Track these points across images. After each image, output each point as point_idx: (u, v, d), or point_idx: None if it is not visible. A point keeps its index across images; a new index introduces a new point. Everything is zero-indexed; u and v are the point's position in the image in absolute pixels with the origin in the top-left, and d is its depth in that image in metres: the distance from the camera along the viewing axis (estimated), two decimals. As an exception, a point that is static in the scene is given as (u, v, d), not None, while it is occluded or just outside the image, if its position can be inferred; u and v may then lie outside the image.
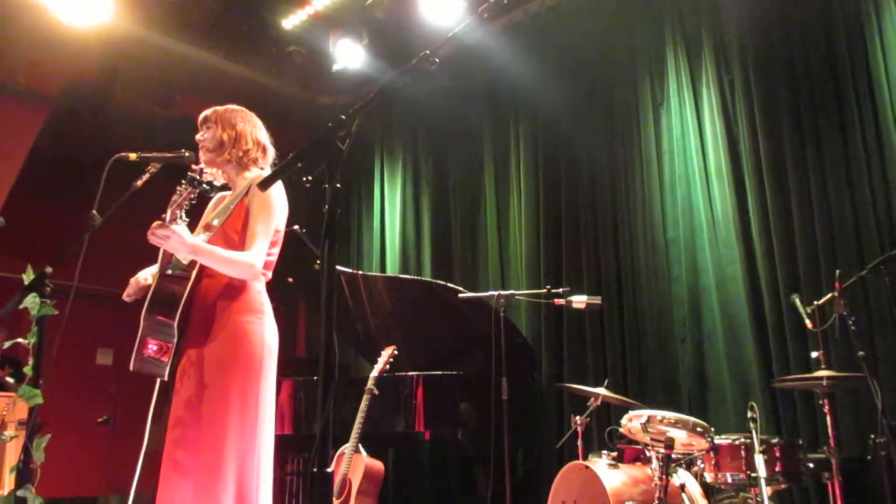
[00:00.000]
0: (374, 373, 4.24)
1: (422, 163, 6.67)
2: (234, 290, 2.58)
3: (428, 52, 1.82)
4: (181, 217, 2.34)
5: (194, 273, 2.54)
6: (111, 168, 2.84)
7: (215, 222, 2.50)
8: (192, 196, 2.34)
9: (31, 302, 2.68)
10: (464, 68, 5.58)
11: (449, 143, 6.50)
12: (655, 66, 5.12)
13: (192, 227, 2.63)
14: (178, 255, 2.47)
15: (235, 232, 2.61)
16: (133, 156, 2.92)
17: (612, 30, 5.39)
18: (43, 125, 6.30)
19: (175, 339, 2.50)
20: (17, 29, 5.54)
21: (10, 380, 4.84)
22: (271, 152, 2.89)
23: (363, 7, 5.62)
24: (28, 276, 2.76)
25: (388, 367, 4.28)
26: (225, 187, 2.91)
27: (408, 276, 6.04)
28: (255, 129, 2.85)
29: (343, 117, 1.73)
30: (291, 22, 5.86)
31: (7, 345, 2.84)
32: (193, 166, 2.20)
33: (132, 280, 2.71)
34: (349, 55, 5.89)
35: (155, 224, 2.34)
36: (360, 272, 5.32)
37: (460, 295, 4.46)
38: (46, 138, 6.34)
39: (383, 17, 5.69)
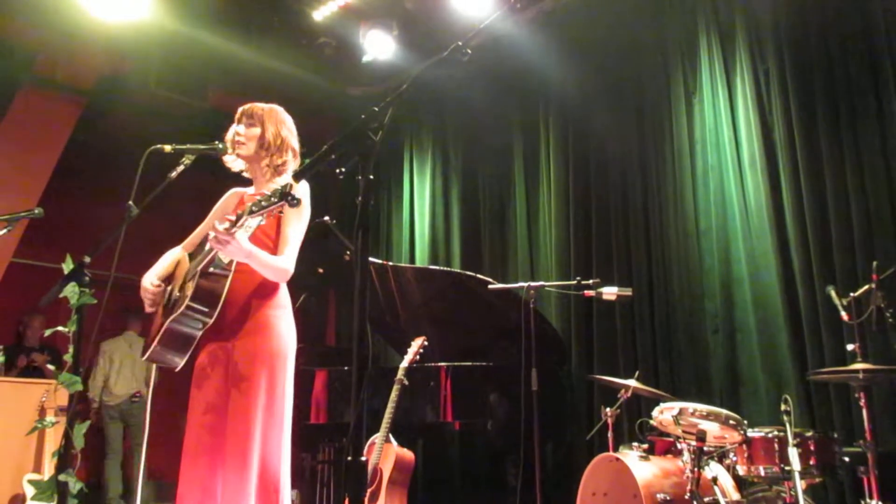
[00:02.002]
0: (405, 363, 4.26)
1: (451, 154, 6.67)
2: (267, 287, 2.69)
3: (460, 43, 1.82)
4: (247, 225, 2.36)
5: (232, 270, 2.62)
6: (146, 160, 2.89)
7: (251, 221, 2.52)
8: (280, 210, 2.35)
9: (71, 291, 2.75)
10: (493, 59, 5.56)
11: (478, 135, 6.48)
12: (688, 55, 5.06)
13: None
14: (223, 256, 2.54)
15: (268, 236, 2.69)
16: (168, 148, 2.98)
17: (643, 19, 5.33)
18: (79, 118, 6.41)
19: (200, 333, 2.60)
20: (54, 25, 5.65)
21: (51, 367, 4.95)
22: (299, 157, 2.95)
23: (393, -2, 5.62)
24: (67, 266, 2.83)
25: (417, 357, 4.29)
26: (244, 181, 2.97)
27: (437, 268, 6.05)
28: (293, 138, 2.92)
29: (375, 109, 1.74)
30: (322, 14, 5.89)
31: (48, 333, 2.91)
32: (285, 183, 2.19)
33: (149, 292, 2.76)
34: (379, 46, 5.90)
35: (221, 228, 2.38)
36: (390, 263, 5.34)
37: (490, 286, 4.46)
38: (82, 131, 6.45)
39: (413, 7, 5.68)
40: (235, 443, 2.48)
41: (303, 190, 2.75)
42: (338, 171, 1.73)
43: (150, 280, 2.77)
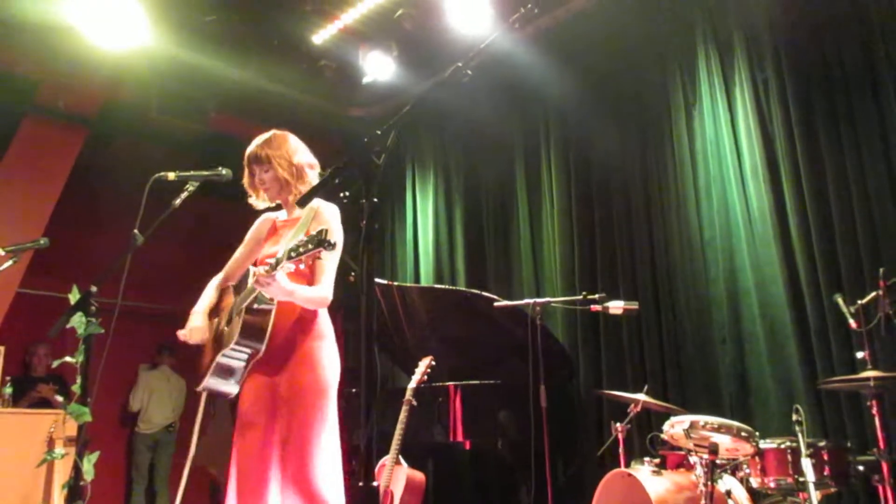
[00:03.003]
0: (412, 384, 4.25)
1: (453, 172, 6.68)
2: (307, 318, 2.77)
3: (460, 64, 1.82)
4: (286, 267, 2.44)
5: (275, 304, 2.71)
6: (150, 187, 2.91)
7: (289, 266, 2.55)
8: (318, 256, 2.46)
9: (78, 321, 2.75)
10: (493, 77, 5.58)
11: (479, 152, 6.51)
12: (686, 67, 5.07)
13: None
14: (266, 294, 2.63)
15: (302, 271, 2.73)
16: (172, 175, 3.00)
17: (640, 32, 5.36)
18: (82, 146, 6.45)
19: (248, 365, 2.72)
20: (55, 54, 5.69)
21: (59, 398, 4.96)
22: (318, 166, 3.00)
23: (392, 19, 5.65)
24: (74, 296, 2.83)
25: (425, 377, 4.28)
26: (276, 207, 3.04)
27: (442, 286, 6.05)
28: (305, 155, 2.98)
29: (378, 132, 1.74)
30: (321, 37, 5.92)
31: (55, 364, 2.91)
32: (321, 228, 2.27)
33: (194, 331, 2.85)
34: (379, 67, 5.94)
35: (263, 271, 2.48)
36: (395, 283, 5.35)
37: (496, 304, 4.45)
38: (86, 159, 6.48)
39: (412, 28, 5.71)
40: (295, 474, 2.55)
41: (330, 213, 2.83)
42: (342, 195, 1.74)
43: (201, 319, 2.87)
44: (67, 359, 2.83)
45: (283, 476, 2.59)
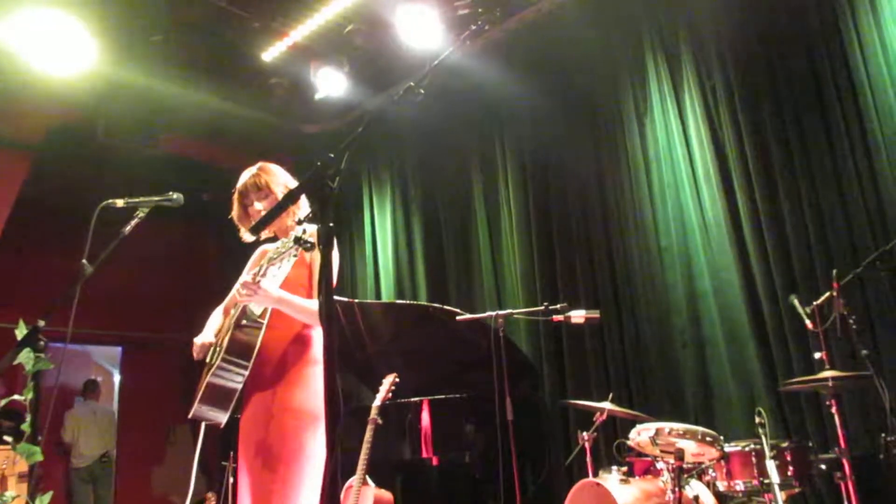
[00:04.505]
0: (377, 402, 4.19)
1: (410, 186, 6.66)
2: (301, 342, 2.71)
3: (412, 83, 1.80)
4: (271, 274, 2.44)
5: (265, 323, 2.66)
6: (98, 216, 2.82)
7: (272, 270, 2.54)
8: (295, 254, 2.40)
9: (26, 357, 2.64)
10: (446, 89, 5.58)
11: (436, 165, 6.50)
12: (636, 76, 5.14)
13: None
14: (255, 307, 2.59)
15: (301, 285, 2.72)
16: (120, 202, 2.90)
17: (590, 43, 5.41)
18: (28, 174, 6.26)
19: (240, 387, 2.63)
20: (-2, 81, 5.53)
21: (7, 438, 4.81)
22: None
23: (342, 35, 5.62)
24: (21, 332, 2.72)
25: (390, 395, 4.23)
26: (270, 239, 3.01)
27: (403, 302, 6.01)
28: (293, 181, 2.95)
29: (331, 155, 1.70)
30: (271, 54, 5.86)
31: (2, 403, 2.79)
32: (297, 227, 2.23)
33: (199, 344, 2.80)
34: (331, 83, 5.90)
35: (247, 282, 2.47)
36: (356, 300, 5.29)
37: (458, 317, 4.43)
38: (32, 187, 6.30)
39: (362, 43, 5.69)
40: (267, 498, 2.50)
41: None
42: (296, 220, 1.69)
43: (207, 338, 2.82)
44: (16, 396, 2.72)
45: (257, 500, 2.53)
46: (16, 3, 4.87)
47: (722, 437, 3.36)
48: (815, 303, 3.37)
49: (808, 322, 3.40)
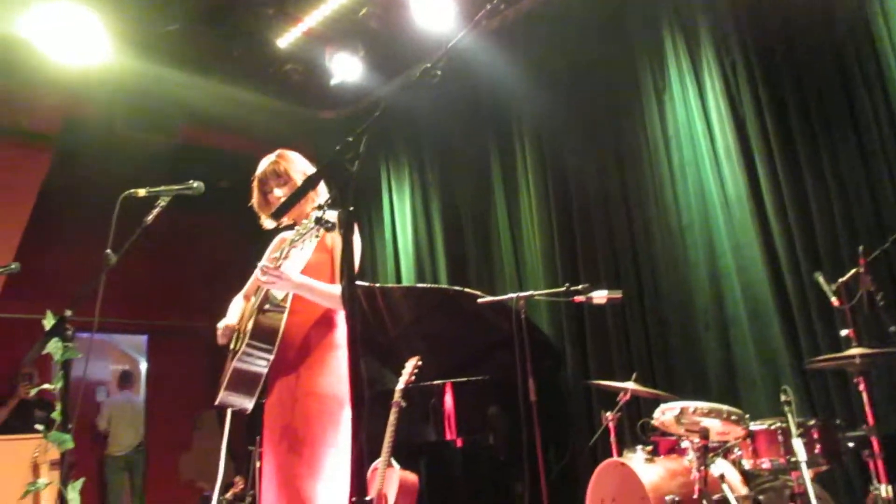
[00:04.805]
0: (400, 385, 4.21)
1: (428, 169, 6.64)
2: (324, 326, 2.72)
3: (429, 65, 1.78)
4: (292, 257, 2.46)
5: (287, 307, 2.67)
6: (121, 204, 2.84)
7: (294, 252, 2.56)
8: (317, 235, 2.43)
9: (54, 347, 2.68)
10: (463, 72, 5.55)
11: (454, 148, 6.47)
12: (654, 54, 5.08)
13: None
14: (277, 292, 2.60)
15: (323, 269, 2.73)
16: (142, 192, 2.92)
17: (608, 22, 5.35)
18: (49, 166, 6.32)
19: (265, 372, 2.64)
20: (16, 73, 5.57)
21: (38, 427, 4.91)
22: None
23: (356, 20, 5.60)
24: (49, 322, 2.76)
25: (413, 378, 4.25)
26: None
27: (424, 285, 6.01)
28: (311, 167, 2.95)
29: (349, 139, 1.70)
30: (286, 41, 5.85)
31: (33, 392, 2.84)
32: (316, 211, 2.25)
33: (222, 327, 2.84)
34: (346, 68, 5.88)
35: (268, 267, 2.48)
36: (377, 285, 5.30)
37: (479, 300, 4.43)
38: (54, 179, 6.36)
39: (377, 27, 5.67)
40: (292, 482, 2.51)
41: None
42: (315, 206, 1.69)
43: (227, 322, 2.85)
44: (46, 386, 2.77)
45: (282, 484, 2.54)
46: (33, -3, 4.90)
47: (747, 416, 3.34)
48: (840, 279, 3.33)
49: (833, 299, 3.35)
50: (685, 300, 4.73)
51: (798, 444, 3.02)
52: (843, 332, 3.22)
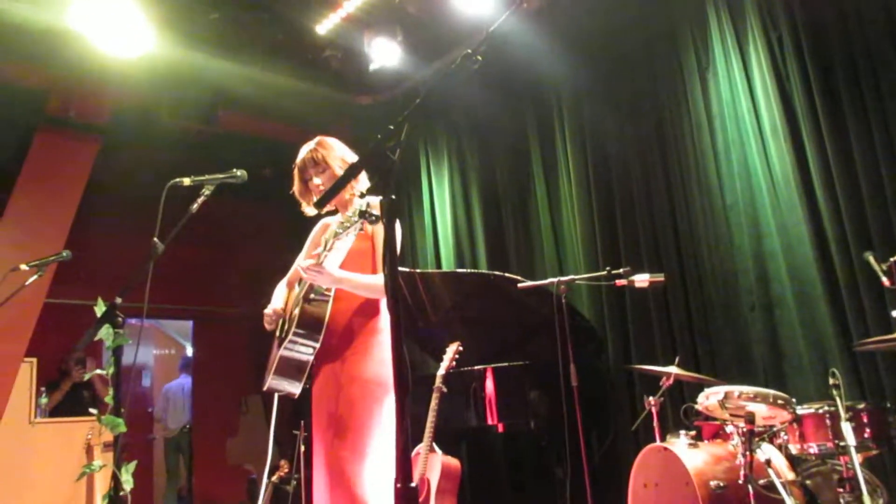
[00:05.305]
0: (442, 370, 4.23)
1: (467, 154, 6.63)
2: (366, 313, 2.78)
3: (469, 51, 1.78)
4: (336, 248, 2.53)
5: (332, 295, 2.73)
6: (167, 192, 2.90)
7: (338, 244, 2.61)
8: (361, 228, 2.47)
9: (106, 333, 2.76)
10: (501, 56, 5.50)
11: (493, 131, 6.44)
12: (698, 31, 4.97)
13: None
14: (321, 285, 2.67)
15: (364, 257, 2.80)
16: (187, 181, 2.97)
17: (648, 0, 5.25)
18: (97, 156, 6.47)
19: (312, 359, 2.72)
20: (62, 65, 5.70)
21: (92, 410, 5.10)
22: None
23: (395, 4, 5.59)
24: (100, 309, 2.84)
25: (454, 363, 4.27)
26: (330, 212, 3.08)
27: (464, 270, 6.02)
28: (351, 154, 3.00)
29: (391, 127, 1.71)
30: (325, 27, 5.87)
31: (87, 376, 2.93)
32: (360, 199, 2.30)
33: (269, 313, 2.92)
34: (385, 53, 5.87)
35: (311, 264, 2.56)
36: (417, 270, 5.33)
37: (519, 285, 4.42)
38: (101, 169, 6.51)
39: (416, 11, 5.65)
40: (337, 464, 2.56)
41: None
42: (360, 193, 1.71)
43: (274, 307, 2.93)
44: (98, 371, 2.85)
45: (328, 467, 2.60)
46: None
47: (794, 400, 3.29)
48: (892, 259, 3.24)
49: (884, 279, 3.27)
50: (729, 282, 4.65)
51: (847, 428, 2.97)
52: (894, 313, 3.14)
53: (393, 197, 1.62)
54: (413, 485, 1.48)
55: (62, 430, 5.37)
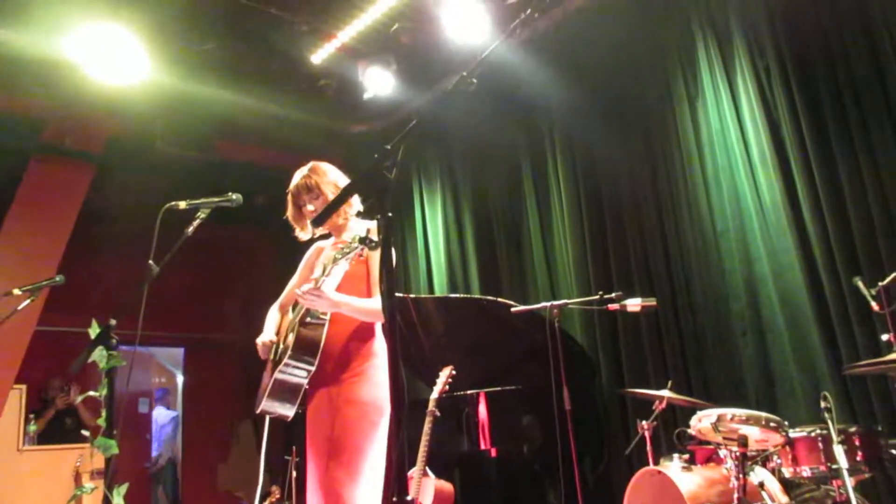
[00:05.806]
0: (434, 395, 4.23)
1: (460, 180, 6.69)
2: (363, 336, 2.80)
3: (465, 73, 1.82)
4: (334, 273, 2.56)
5: (327, 318, 2.76)
6: (162, 216, 2.92)
7: (336, 269, 2.65)
8: (361, 254, 2.52)
9: (100, 355, 2.76)
10: (493, 83, 5.58)
11: (485, 158, 6.51)
12: (686, 60, 5.06)
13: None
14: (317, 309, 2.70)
15: (360, 280, 2.81)
16: (183, 204, 3.00)
17: (638, 29, 5.35)
18: (91, 182, 6.49)
19: (306, 383, 2.73)
20: (58, 93, 5.74)
21: (84, 433, 5.08)
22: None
23: (388, 34, 5.68)
24: (94, 331, 2.84)
25: (447, 388, 4.27)
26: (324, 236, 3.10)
27: (457, 296, 6.04)
28: (344, 179, 3.02)
29: (387, 147, 1.74)
30: (319, 56, 5.94)
31: (79, 399, 2.92)
32: (361, 223, 2.33)
33: (262, 343, 2.93)
34: (379, 82, 5.95)
35: (309, 288, 2.59)
36: (410, 295, 5.34)
37: (512, 309, 4.44)
38: (96, 195, 6.52)
39: (409, 41, 5.74)
40: (332, 486, 2.58)
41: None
42: (356, 213, 1.73)
43: (269, 336, 2.94)
44: (91, 393, 2.84)
45: (323, 488, 2.60)
46: (76, 19, 5.04)
47: (786, 423, 3.30)
48: (880, 284, 3.28)
49: (873, 304, 3.31)
50: (720, 307, 4.69)
51: (839, 452, 2.98)
52: (885, 337, 3.18)
53: (390, 215, 1.65)
54: (409, 498, 1.48)
55: (50, 458, 5.33)
